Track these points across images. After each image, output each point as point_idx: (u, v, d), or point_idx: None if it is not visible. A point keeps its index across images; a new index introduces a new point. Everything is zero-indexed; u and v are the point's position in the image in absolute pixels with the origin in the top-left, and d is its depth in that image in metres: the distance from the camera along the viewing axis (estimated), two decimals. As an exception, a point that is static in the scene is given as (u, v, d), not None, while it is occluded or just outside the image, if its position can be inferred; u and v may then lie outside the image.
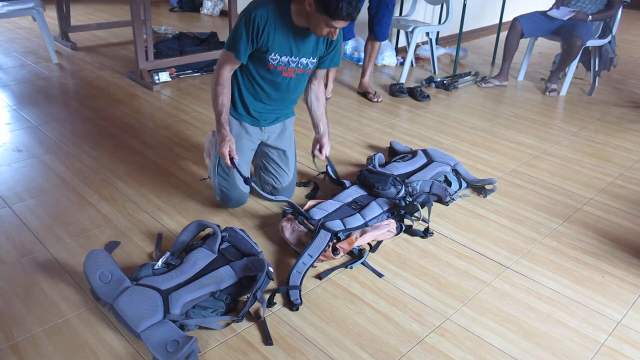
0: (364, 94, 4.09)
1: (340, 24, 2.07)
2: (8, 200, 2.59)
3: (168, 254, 2.13)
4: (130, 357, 1.76)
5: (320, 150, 2.51)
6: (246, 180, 2.32)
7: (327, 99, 3.89)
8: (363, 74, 4.10)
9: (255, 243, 2.18)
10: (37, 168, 2.89)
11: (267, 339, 1.83)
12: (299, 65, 2.31)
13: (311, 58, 2.32)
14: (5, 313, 1.91)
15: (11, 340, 1.80)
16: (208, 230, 2.27)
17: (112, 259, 2.01)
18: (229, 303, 1.96)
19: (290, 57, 2.26)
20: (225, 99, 2.28)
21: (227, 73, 2.28)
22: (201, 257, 2.07)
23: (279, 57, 2.24)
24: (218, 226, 2.20)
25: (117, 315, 1.84)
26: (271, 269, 2.05)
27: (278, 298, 2.03)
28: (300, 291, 2.03)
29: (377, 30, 3.86)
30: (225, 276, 2.00)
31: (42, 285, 2.05)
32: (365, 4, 3.85)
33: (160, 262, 2.07)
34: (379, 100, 4.00)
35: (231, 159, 2.25)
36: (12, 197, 2.61)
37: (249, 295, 1.95)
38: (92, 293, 1.96)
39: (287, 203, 2.39)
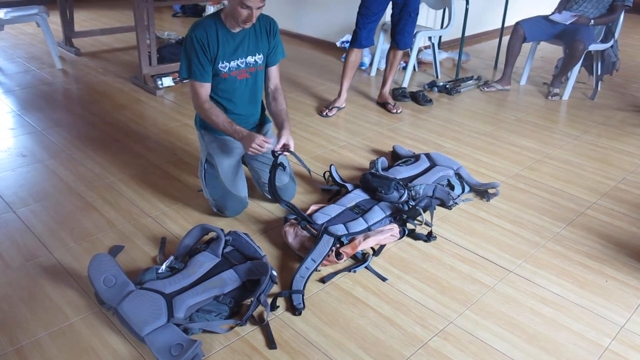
0: (384, 104, 4.02)
1: (252, 2, 2.16)
2: (12, 205, 2.60)
3: (172, 257, 2.13)
4: (134, 361, 1.76)
5: (283, 147, 2.41)
6: (273, 154, 2.40)
7: (340, 108, 3.90)
8: (384, 84, 4.03)
9: (258, 247, 2.19)
10: (41, 173, 2.90)
11: (270, 343, 1.84)
12: (248, 64, 2.42)
13: (257, 55, 2.44)
14: (10, 317, 1.92)
15: (16, 345, 1.81)
16: (212, 234, 2.28)
17: (116, 263, 2.01)
18: (233, 307, 1.96)
19: (237, 60, 2.39)
20: (218, 112, 2.37)
21: (204, 95, 2.38)
22: (205, 261, 2.08)
23: (227, 64, 2.37)
24: (222, 230, 2.20)
25: (121, 319, 1.85)
26: (275, 273, 2.05)
27: (281, 302, 2.03)
28: (303, 296, 2.03)
29: (399, 39, 3.80)
30: (229, 280, 2.00)
31: (47, 289, 2.06)
32: (389, 12, 3.84)
33: (164, 266, 2.08)
34: (399, 111, 3.93)
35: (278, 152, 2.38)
36: (16, 202, 2.62)
37: (252, 299, 1.95)
38: (96, 297, 1.97)
39: (290, 207, 2.40)
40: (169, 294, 1.92)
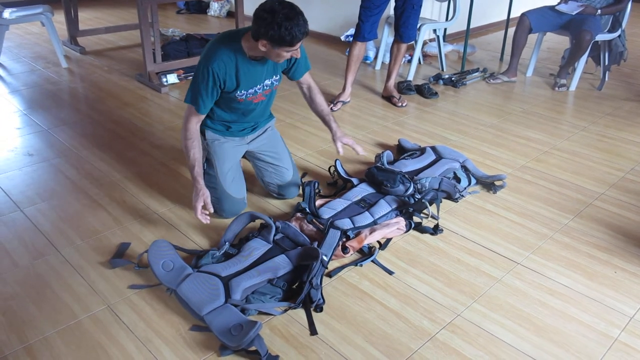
0: (389, 98, 4.00)
1: (298, 45, 2.14)
2: (20, 203, 2.61)
3: (228, 244, 2.21)
4: (142, 358, 1.77)
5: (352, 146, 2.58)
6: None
7: (345, 102, 3.89)
8: (388, 78, 4.01)
9: (306, 237, 2.24)
10: (48, 171, 2.92)
11: (311, 328, 1.88)
12: (265, 87, 2.37)
13: (274, 77, 2.38)
14: (19, 315, 1.93)
15: (25, 343, 1.82)
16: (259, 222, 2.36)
17: (173, 248, 2.13)
18: (286, 290, 2.02)
19: (255, 86, 2.32)
20: (197, 152, 2.31)
21: (194, 126, 2.32)
22: (257, 247, 2.17)
23: (245, 92, 2.31)
24: (270, 218, 2.28)
25: (180, 300, 1.96)
26: (325, 258, 2.09)
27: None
28: (321, 291, 2.03)
29: (403, 32, 3.78)
30: (282, 264, 2.07)
31: (55, 287, 2.07)
32: (392, 4, 3.83)
33: (222, 250, 2.17)
34: (404, 104, 3.92)
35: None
36: (23, 201, 2.64)
37: (304, 281, 1.99)
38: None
39: (310, 187, 2.44)
40: (225, 276, 2.01)
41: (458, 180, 2.77)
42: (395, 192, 2.54)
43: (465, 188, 2.74)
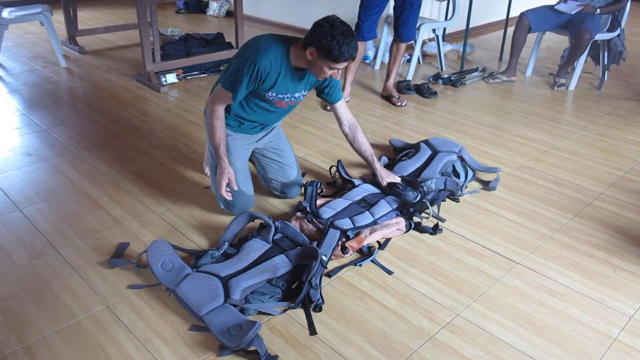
0: (388, 97, 4.01)
1: (342, 65, 2.19)
2: (19, 203, 2.61)
3: (227, 244, 2.21)
4: (142, 358, 1.77)
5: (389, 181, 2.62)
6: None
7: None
8: (387, 77, 4.02)
9: (305, 236, 2.24)
10: (47, 171, 2.91)
11: (311, 328, 1.88)
12: (292, 98, 2.41)
13: (303, 91, 2.43)
14: (18, 315, 1.93)
15: (24, 343, 1.82)
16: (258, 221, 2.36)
17: (173, 248, 2.13)
18: (285, 290, 2.02)
19: (286, 94, 2.37)
20: (223, 132, 2.36)
21: (221, 108, 2.37)
22: (257, 247, 2.17)
23: (275, 94, 2.35)
24: (270, 218, 2.27)
25: (179, 300, 1.95)
26: (324, 257, 2.09)
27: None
28: (320, 291, 2.03)
29: (402, 31, 3.78)
30: (281, 264, 2.07)
31: (54, 287, 2.07)
32: (391, 4, 3.83)
33: (221, 251, 2.17)
34: (403, 104, 3.92)
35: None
36: (22, 201, 2.63)
37: (303, 281, 1.99)
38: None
39: (312, 188, 2.45)
40: (224, 276, 2.01)
41: (457, 175, 2.77)
42: (404, 195, 2.52)
43: (464, 182, 2.74)
